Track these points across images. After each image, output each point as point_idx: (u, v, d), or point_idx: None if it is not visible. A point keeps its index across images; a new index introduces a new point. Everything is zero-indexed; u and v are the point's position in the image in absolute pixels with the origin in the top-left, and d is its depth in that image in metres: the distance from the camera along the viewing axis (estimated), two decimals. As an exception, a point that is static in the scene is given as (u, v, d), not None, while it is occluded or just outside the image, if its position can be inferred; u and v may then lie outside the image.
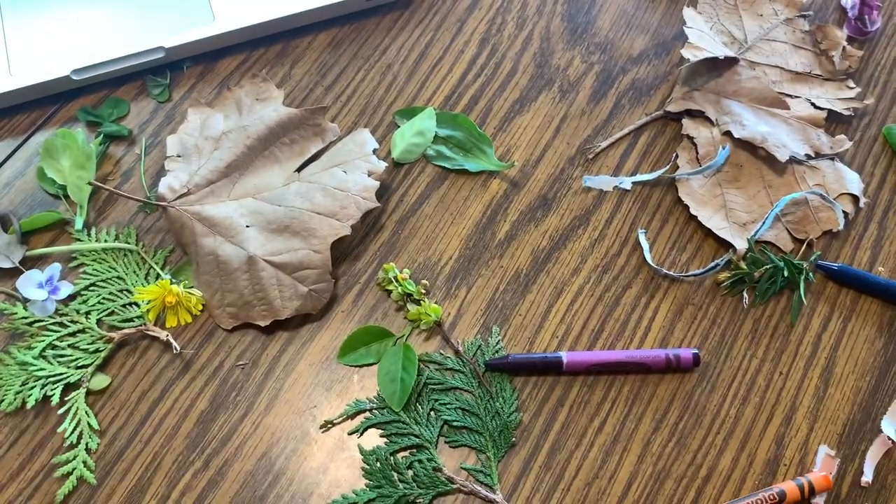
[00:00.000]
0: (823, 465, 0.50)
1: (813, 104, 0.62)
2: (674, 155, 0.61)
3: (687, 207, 0.58)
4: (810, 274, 0.56)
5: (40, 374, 0.53)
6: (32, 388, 0.53)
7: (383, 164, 0.58)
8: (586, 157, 0.61)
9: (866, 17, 0.65)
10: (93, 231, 0.58)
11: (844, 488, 0.50)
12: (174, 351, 0.53)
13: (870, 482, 0.50)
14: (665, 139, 0.62)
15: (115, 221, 0.59)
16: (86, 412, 0.52)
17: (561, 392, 0.53)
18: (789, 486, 0.49)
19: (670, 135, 0.62)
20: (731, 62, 0.62)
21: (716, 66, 0.63)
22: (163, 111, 0.63)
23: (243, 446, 0.51)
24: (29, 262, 0.57)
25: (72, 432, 0.51)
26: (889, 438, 0.51)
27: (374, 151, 0.59)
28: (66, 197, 0.60)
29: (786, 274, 0.55)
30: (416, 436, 0.51)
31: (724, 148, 0.60)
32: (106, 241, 0.58)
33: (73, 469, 0.50)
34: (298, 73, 0.65)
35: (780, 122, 0.61)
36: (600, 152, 0.61)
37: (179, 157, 0.59)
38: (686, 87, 0.63)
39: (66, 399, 0.53)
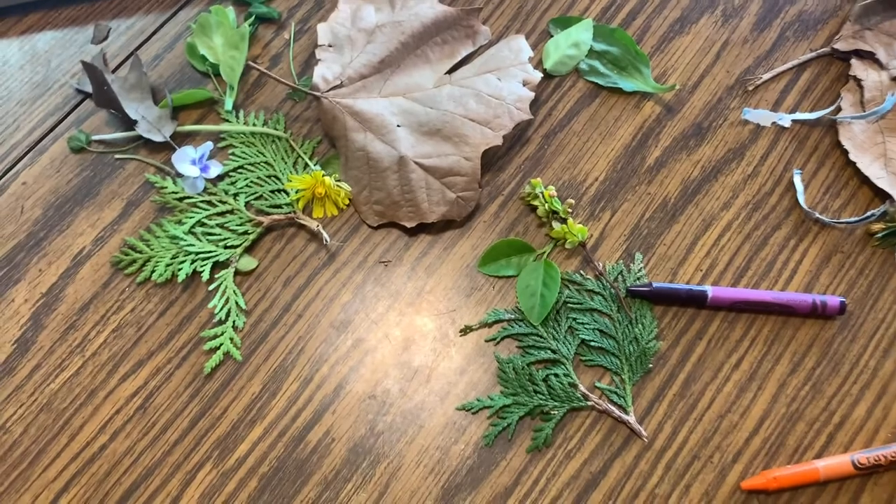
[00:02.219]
0: (961, 427, 0.50)
1: None
2: (838, 96, 0.58)
3: (846, 152, 0.57)
4: (968, 234, 0.54)
5: (190, 249, 0.54)
6: (183, 262, 0.54)
7: (539, 75, 0.57)
8: (745, 89, 0.59)
9: None
10: (241, 113, 0.58)
11: (979, 451, 0.50)
12: (323, 242, 0.54)
13: None
14: (829, 78, 0.59)
15: (263, 106, 0.59)
16: (234, 291, 0.53)
17: (701, 325, 0.53)
18: (925, 443, 0.49)
19: (835, 74, 0.60)
20: (910, 2, 0.59)
21: (893, 6, 0.59)
22: (312, -3, 0.62)
23: (384, 340, 0.53)
24: (178, 138, 0.57)
25: (221, 309, 0.53)
26: None
27: (529, 60, 0.57)
28: (216, 76, 0.60)
29: (943, 232, 0.54)
30: (553, 350, 0.52)
31: (892, 94, 0.57)
32: (255, 124, 0.58)
33: (221, 344, 0.52)
34: (451, -30, 0.63)
35: (956, 73, 0.58)
36: (760, 85, 0.59)
37: (331, 46, 0.59)
38: (858, 24, 0.60)
39: (215, 276, 0.54)
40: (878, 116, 0.57)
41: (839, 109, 0.58)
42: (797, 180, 0.56)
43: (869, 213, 0.55)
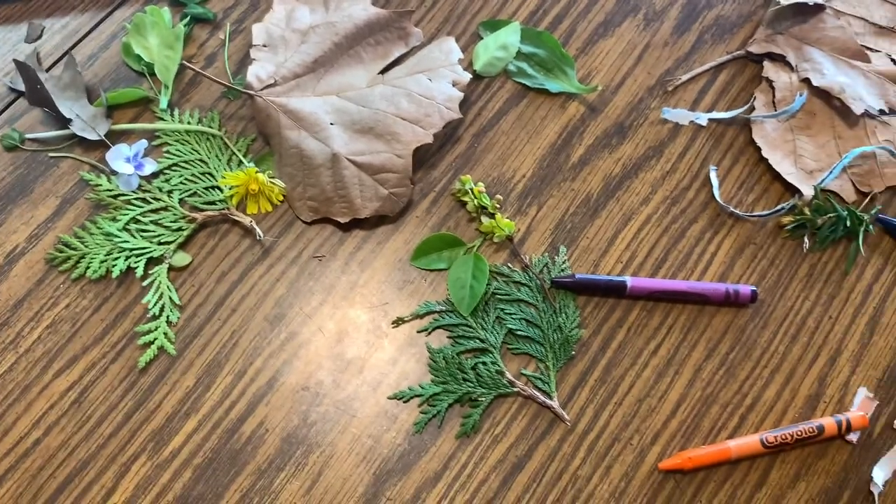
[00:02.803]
0: (861, 406, 0.54)
1: (893, 60, 0.63)
2: (751, 96, 0.62)
3: (758, 149, 0.60)
4: (870, 226, 0.58)
5: (125, 245, 0.55)
6: (117, 258, 0.55)
7: (468, 76, 0.59)
8: (665, 89, 0.62)
9: (957, -24, 0.65)
10: (175, 112, 0.59)
11: (878, 428, 0.54)
12: (257, 237, 0.55)
13: (902, 425, 0.54)
14: (744, 79, 0.63)
15: (198, 105, 0.60)
16: (168, 287, 0.54)
17: (621, 314, 0.55)
18: (828, 422, 0.52)
19: (749, 76, 0.63)
20: (817, 9, 0.63)
21: (802, 12, 0.63)
22: (247, -2, 0.63)
23: (318, 333, 0.54)
24: (112, 137, 0.58)
25: (154, 304, 0.54)
26: (925, 388, 0.54)
27: (459, 61, 0.60)
28: (151, 75, 0.60)
29: (847, 224, 0.57)
30: (482, 340, 0.54)
31: (801, 94, 0.61)
32: (189, 123, 0.59)
33: (155, 339, 0.53)
34: (385, -27, 0.65)
35: (859, 75, 0.62)
36: (679, 86, 0.62)
37: (265, 46, 0.60)
38: (770, 29, 0.63)
39: (149, 272, 0.55)
40: (788, 116, 0.61)
41: (752, 109, 0.61)
42: (713, 176, 0.59)
43: (779, 207, 0.58)
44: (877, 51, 0.63)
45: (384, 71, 0.60)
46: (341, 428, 0.52)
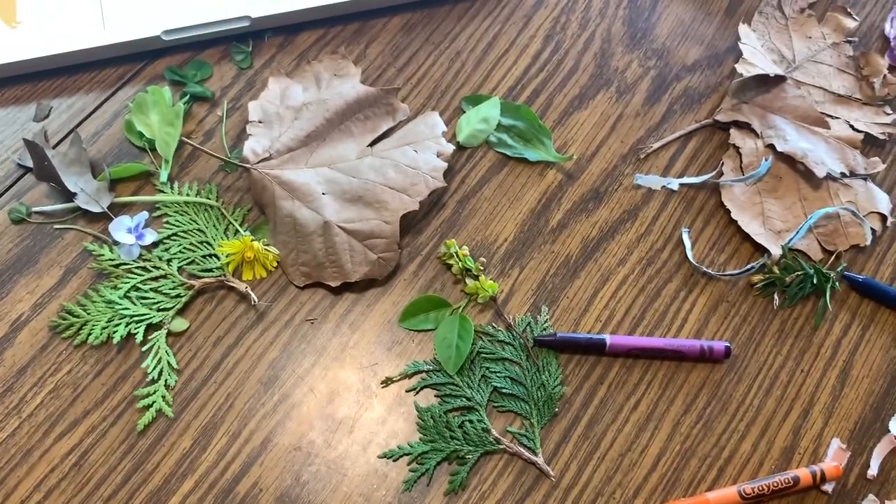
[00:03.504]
0: (835, 457, 0.56)
1: (851, 126, 0.67)
2: (720, 162, 0.65)
3: (728, 212, 0.63)
4: (836, 283, 0.61)
5: (125, 312, 0.57)
6: (118, 325, 0.57)
7: (451, 147, 0.62)
8: (638, 157, 0.65)
9: (908, 48, 0.70)
10: (175, 185, 0.63)
11: (852, 478, 0.55)
12: (251, 302, 0.58)
13: (875, 475, 0.55)
14: (712, 146, 0.66)
15: (197, 177, 0.63)
16: (166, 351, 0.57)
17: (602, 371, 0.58)
18: (803, 472, 0.54)
19: (717, 142, 0.67)
20: (779, 80, 0.67)
21: (765, 83, 0.67)
22: (244, 77, 0.67)
23: (310, 394, 0.56)
24: (115, 209, 0.61)
25: (153, 368, 0.56)
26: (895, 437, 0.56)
27: (443, 134, 0.63)
28: (153, 150, 0.64)
29: (814, 281, 0.60)
30: (468, 398, 0.56)
31: (766, 159, 0.64)
32: (188, 195, 0.62)
33: (153, 402, 0.55)
34: (373, 52, 0.69)
35: (820, 141, 0.66)
36: (651, 153, 0.66)
37: (261, 122, 0.64)
38: (735, 99, 0.67)
39: (148, 338, 0.57)
40: (755, 179, 0.64)
41: (721, 174, 0.65)
42: (685, 237, 0.62)
43: (749, 266, 0.61)
44: (836, 118, 0.67)
45: (373, 144, 0.63)
46: (333, 487, 0.54)
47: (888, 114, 0.68)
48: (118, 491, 0.53)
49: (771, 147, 0.65)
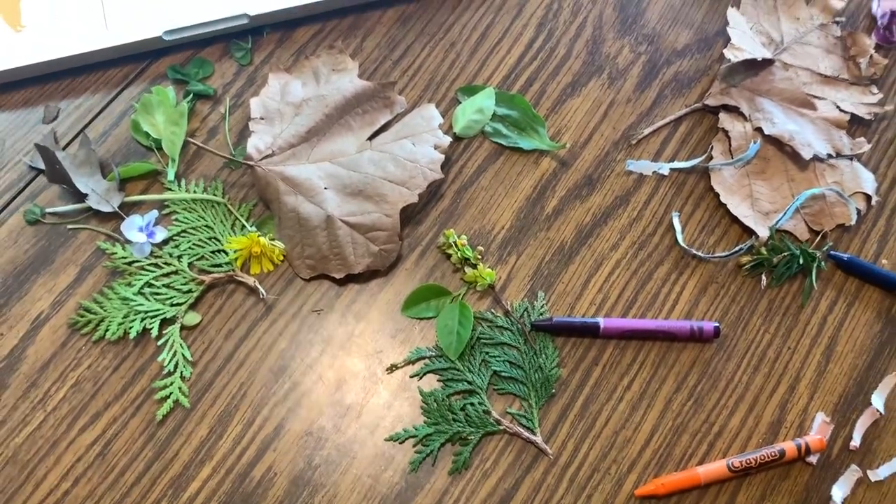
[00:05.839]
0: (819, 430, 0.58)
1: (838, 107, 0.68)
2: (709, 146, 0.67)
3: (717, 195, 0.65)
4: (822, 262, 0.63)
5: (140, 308, 0.60)
6: (133, 320, 0.60)
7: (448, 139, 0.64)
8: (630, 143, 0.67)
9: (894, 27, 0.71)
10: (182, 182, 0.65)
11: (835, 450, 0.58)
12: (260, 295, 0.61)
13: (857, 446, 0.58)
14: (702, 130, 0.68)
15: (203, 175, 0.65)
16: (180, 345, 0.60)
17: (596, 353, 0.60)
18: (789, 446, 0.57)
19: (707, 126, 0.68)
20: (767, 63, 0.68)
21: (753, 66, 0.68)
22: (245, 73, 0.69)
23: (319, 381, 0.59)
24: (125, 208, 0.64)
25: (169, 361, 0.59)
26: (877, 410, 0.59)
27: (440, 126, 0.65)
28: (159, 149, 0.66)
29: (801, 261, 0.62)
30: (469, 382, 0.59)
31: (755, 142, 0.66)
32: (195, 192, 0.64)
33: (171, 394, 0.58)
34: (369, 45, 0.70)
35: (807, 122, 0.67)
36: (642, 139, 0.68)
37: (262, 119, 0.66)
38: (724, 83, 0.69)
39: (163, 332, 0.60)
40: (744, 162, 0.66)
41: (710, 157, 0.67)
42: (676, 221, 0.65)
43: (738, 248, 0.63)
44: (823, 98, 0.69)
45: (372, 137, 0.65)
46: (343, 469, 0.57)
47: (874, 93, 0.69)
48: (141, 478, 0.56)
49: (759, 130, 0.67)
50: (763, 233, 0.63)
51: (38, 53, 0.66)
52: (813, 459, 0.58)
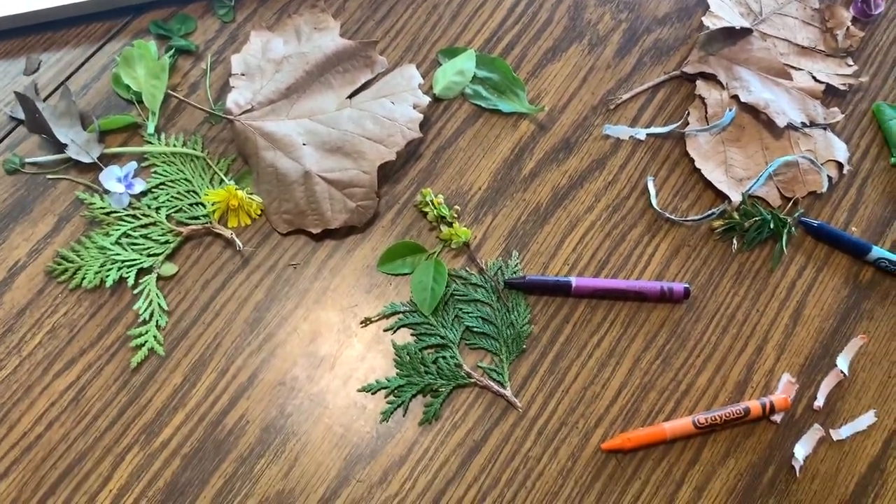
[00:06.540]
0: (784, 389, 0.60)
1: (813, 77, 0.69)
2: (686, 112, 0.68)
3: (692, 160, 0.66)
4: (793, 228, 0.64)
5: (117, 257, 0.60)
6: (110, 269, 0.60)
7: (427, 99, 0.65)
8: (608, 108, 0.68)
9: (872, 1, 0.72)
10: (162, 136, 0.65)
11: (799, 410, 0.60)
12: (237, 248, 0.61)
13: (821, 406, 0.59)
14: (679, 97, 0.69)
15: (183, 129, 0.66)
16: (157, 294, 0.60)
17: (567, 311, 0.61)
18: (753, 404, 0.58)
19: (684, 93, 0.69)
20: (745, 32, 0.69)
21: (731, 35, 0.69)
22: (227, 31, 0.69)
23: (293, 333, 0.60)
24: (105, 159, 0.64)
25: (145, 310, 0.59)
26: (842, 372, 0.60)
27: (419, 86, 0.66)
28: (139, 103, 0.66)
29: (772, 226, 0.63)
30: (442, 337, 0.60)
31: (730, 110, 0.67)
32: (175, 146, 0.65)
33: (146, 342, 0.59)
34: (352, 5, 0.71)
35: (783, 91, 0.68)
36: (620, 104, 0.68)
37: (243, 75, 0.66)
38: (703, 51, 0.70)
39: (139, 281, 0.60)
40: (719, 129, 0.67)
41: (687, 124, 0.68)
42: (650, 186, 0.65)
43: (711, 212, 0.64)
44: (799, 69, 0.70)
45: (351, 96, 0.66)
46: (315, 418, 0.57)
47: (849, 65, 0.70)
48: (114, 423, 0.57)
49: (735, 98, 0.68)
50: (736, 198, 0.64)
51: (20, 4, 0.66)
52: (777, 418, 0.59)
